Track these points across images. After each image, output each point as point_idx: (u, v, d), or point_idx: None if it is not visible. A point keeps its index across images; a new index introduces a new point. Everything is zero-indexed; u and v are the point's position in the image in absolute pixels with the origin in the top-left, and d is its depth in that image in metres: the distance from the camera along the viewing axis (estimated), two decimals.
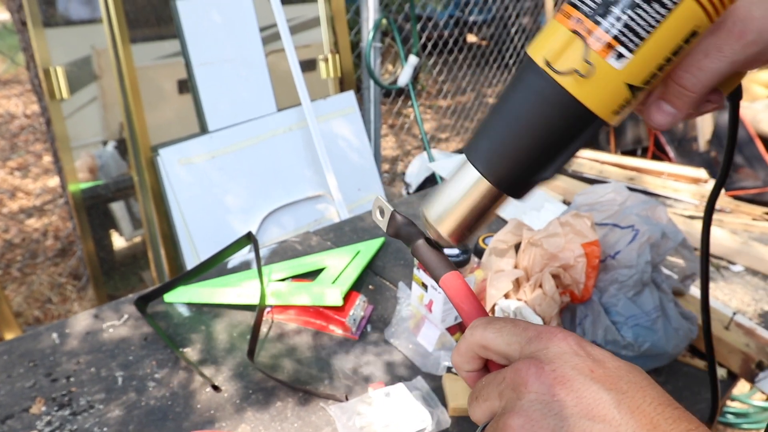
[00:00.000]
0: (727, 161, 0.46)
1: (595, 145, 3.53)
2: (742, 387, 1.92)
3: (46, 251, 2.56)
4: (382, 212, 0.44)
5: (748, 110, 2.98)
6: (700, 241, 0.51)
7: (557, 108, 0.35)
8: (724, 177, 0.48)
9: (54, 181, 3.05)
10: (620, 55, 0.33)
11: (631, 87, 0.34)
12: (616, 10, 0.33)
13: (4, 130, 3.65)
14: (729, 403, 1.91)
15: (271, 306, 0.95)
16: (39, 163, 3.31)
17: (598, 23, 0.33)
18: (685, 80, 0.35)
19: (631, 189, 1.53)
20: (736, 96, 0.41)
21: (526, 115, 0.36)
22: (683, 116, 0.37)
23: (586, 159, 1.74)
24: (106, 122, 1.86)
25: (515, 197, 0.39)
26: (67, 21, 1.73)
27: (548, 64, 0.35)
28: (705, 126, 3.13)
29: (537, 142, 0.36)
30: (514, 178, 0.38)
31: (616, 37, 0.33)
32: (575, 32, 0.34)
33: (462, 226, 0.40)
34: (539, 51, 0.36)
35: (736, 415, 1.89)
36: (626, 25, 0.33)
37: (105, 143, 1.87)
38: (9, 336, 1.53)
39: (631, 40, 0.33)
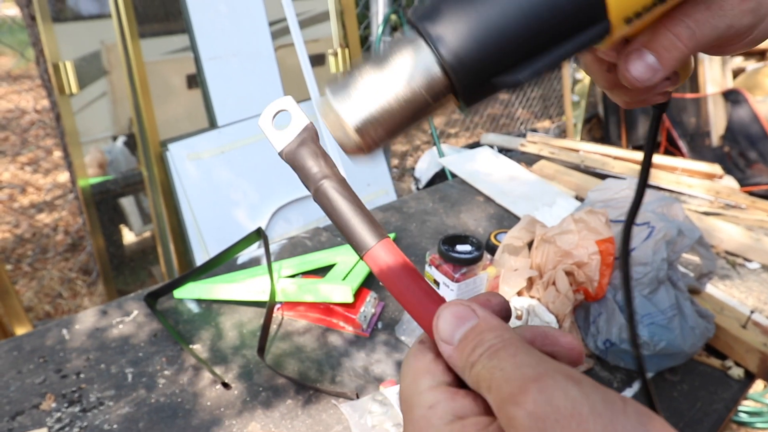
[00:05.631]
0: (647, 167, 0.41)
1: (606, 140, 3.50)
2: (756, 386, 1.90)
3: (57, 246, 2.57)
4: (282, 115, 0.32)
5: (762, 105, 2.94)
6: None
7: None
8: (639, 201, 0.42)
9: (64, 176, 3.06)
10: None
11: None
12: None
13: (14, 125, 3.66)
14: (743, 401, 1.89)
15: (281, 303, 0.94)
16: (49, 159, 3.32)
17: None
18: (680, 29, 0.31)
19: None
20: (663, 106, 0.38)
21: None
22: (661, 77, 0.33)
23: (598, 154, 1.72)
24: (115, 117, 1.86)
25: (467, 101, 0.30)
26: (76, 16, 1.73)
27: None
28: (718, 121, 3.09)
29: (527, 22, 0.28)
30: (480, 70, 0.29)
31: None
32: None
33: (383, 127, 0.29)
34: None
35: (750, 414, 1.86)
36: None
37: (114, 138, 1.87)
38: (20, 331, 1.53)
39: None
